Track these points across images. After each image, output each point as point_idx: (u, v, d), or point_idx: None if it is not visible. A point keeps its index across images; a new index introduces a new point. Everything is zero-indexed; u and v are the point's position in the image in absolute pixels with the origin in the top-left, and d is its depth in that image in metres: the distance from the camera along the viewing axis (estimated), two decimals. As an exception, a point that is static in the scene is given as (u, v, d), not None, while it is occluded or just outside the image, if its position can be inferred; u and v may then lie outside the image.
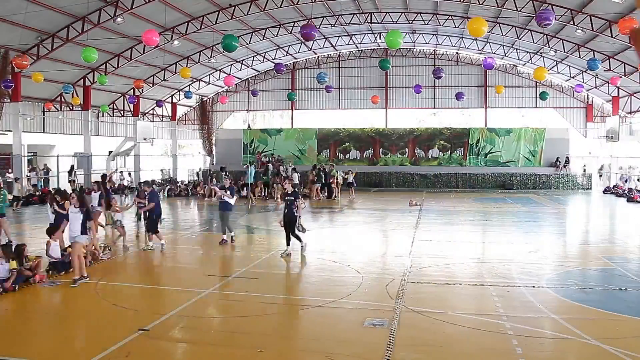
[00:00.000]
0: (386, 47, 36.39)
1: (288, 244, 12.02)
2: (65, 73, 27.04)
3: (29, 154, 29.52)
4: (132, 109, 34.65)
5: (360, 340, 6.74)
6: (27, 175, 27.47)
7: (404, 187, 32.85)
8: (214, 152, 40.71)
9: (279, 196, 24.58)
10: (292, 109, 41.28)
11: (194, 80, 36.29)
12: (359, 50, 39.15)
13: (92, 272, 10.24)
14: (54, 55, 24.72)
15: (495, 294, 8.79)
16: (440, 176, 33.16)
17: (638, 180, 30.77)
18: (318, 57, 39.90)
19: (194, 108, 42.18)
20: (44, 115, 29.81)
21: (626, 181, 30.60)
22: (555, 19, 20.27)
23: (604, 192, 30.22)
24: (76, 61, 25.17)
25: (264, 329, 7.27)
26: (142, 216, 14.09)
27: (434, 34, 33.80)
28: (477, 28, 14.95)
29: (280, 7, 26.15)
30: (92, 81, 29.33)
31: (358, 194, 27.76)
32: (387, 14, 29.33)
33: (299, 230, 12.15)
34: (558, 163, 32.33)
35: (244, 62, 36.41)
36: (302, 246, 12.06)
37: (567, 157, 32.64)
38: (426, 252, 12.50)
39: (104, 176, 16.93)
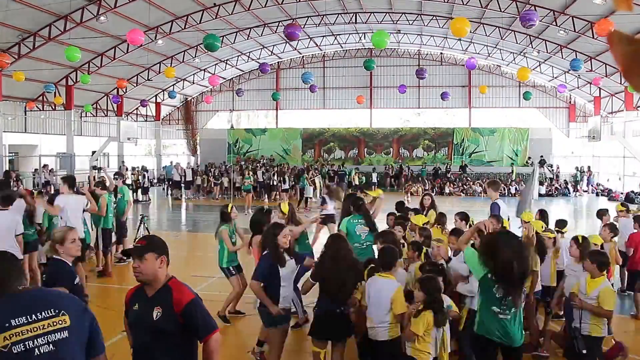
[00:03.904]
0: (371, 47, 36.64)
1: None
2: (47, 72, 26.74)
3: (10, 154, 29.16)
4: (115, 109, 34.37)
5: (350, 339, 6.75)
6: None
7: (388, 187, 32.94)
8: (198, 152, 40.56)
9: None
10: (276, 109, 41.19)
11: (178, 80, 36.08)
12: (343, 50, 39.18)
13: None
14: (35, 54, 24.40)
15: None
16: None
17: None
18: (303, 57, 39.86)
19: (178, 108, 41.94)
20: (25, 115, 29.47)
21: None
22: (539, 20, 20.45)
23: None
24: (59, 60, 24.88)
25: (251, 329, 7.26)
26: None
27: (418, 34, 33.92)
28: (460, 28, 15.05)
29: (265, 6, 26.09)
30: (75, 80, 29.03)
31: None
32: (372, 14, 29.37)
33: None
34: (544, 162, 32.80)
35: (228, 61, 36.28)
36: None
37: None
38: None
39: None
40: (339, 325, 5.24)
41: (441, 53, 37.98)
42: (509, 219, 7.69)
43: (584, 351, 5.39)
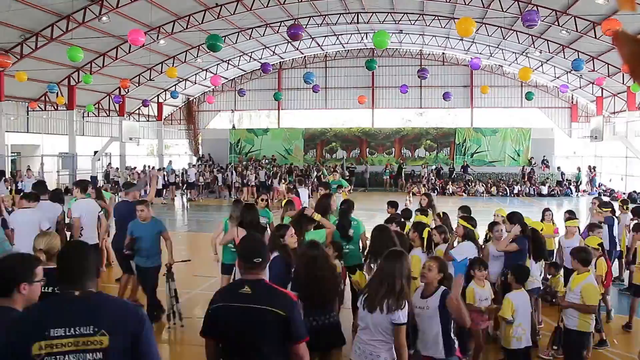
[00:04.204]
0: (373, 47, 36.60)
1: None
2: (49, 72, 26.77)
3: (13, 154, 29.20)
4: (117, 109, 34.39)
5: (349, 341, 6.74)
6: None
7: (390, 187, 32.89)
8: (200, 152, 40.57)
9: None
10: (278, 109, 41.18)
11: (180, 80, 36.10)
12: (345, 50, 39.14)
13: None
14: (38, 54, 24.43)
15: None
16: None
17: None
18: (305, 57, 39.85)
19: (180, 108, 41.97)
20: (28, 115, 29.50)
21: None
22: (541, 20, 20.45)
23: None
24: (61, 60, 24.93)
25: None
26: None
27: (420, 34, 33.91)
28: (466, 28, 15.07)
29: (267, 6, 26.08)
30: (77, 80, 29.08)
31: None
32: (374, 14, 29.36)
33: None
34: (545, 161, 32.90)
35: (230, 61, 36.29)
36: None
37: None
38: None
39: None
40: (325, 336, 4.94)
41: (443, 53, 37.95)
42: None
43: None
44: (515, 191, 30.21)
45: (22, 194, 8.25)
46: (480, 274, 6.09)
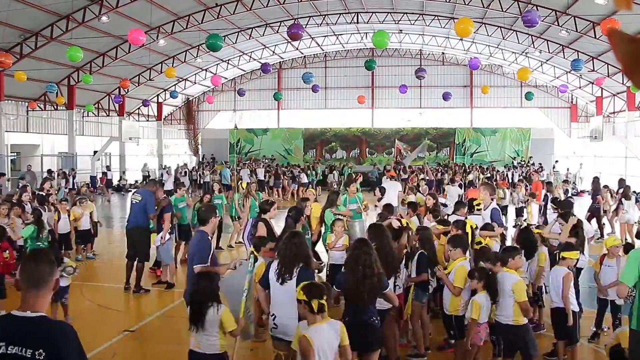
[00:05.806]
0: (372, 47, 36.58)
1: None
2: (49, 72, 26.73)
3: (12, 154, 29.18)
4: (117, 109, 34.36)
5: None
6: None
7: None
8: (199, 152, 40.57)
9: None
10: (278, 109, 41.17)
11: (180, 79, 36.08)
12: (345, 50, 39.13)
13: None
14: (37, 54, 24.41)
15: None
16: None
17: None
18: (304, 56, 39.84)
19: (179, 108, 41.96)
20: (27, 114, 29.49)
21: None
22: (540, 20, 20.42)
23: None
24: (60, 60, 24.89)
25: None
26: None
27: (420, 34, 33.91)
28: (464, 28, 15.05)
29: (267, 6, 26.08)
30: (76, 80, 29.06)
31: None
32: (374, 14, 29.37)
33: None
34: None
35: (230, 61, 36.27)
36: None
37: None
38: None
39: None
40: (365, 335, 4.81)
41: (443, 53, 37.93)
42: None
43: None
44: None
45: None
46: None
